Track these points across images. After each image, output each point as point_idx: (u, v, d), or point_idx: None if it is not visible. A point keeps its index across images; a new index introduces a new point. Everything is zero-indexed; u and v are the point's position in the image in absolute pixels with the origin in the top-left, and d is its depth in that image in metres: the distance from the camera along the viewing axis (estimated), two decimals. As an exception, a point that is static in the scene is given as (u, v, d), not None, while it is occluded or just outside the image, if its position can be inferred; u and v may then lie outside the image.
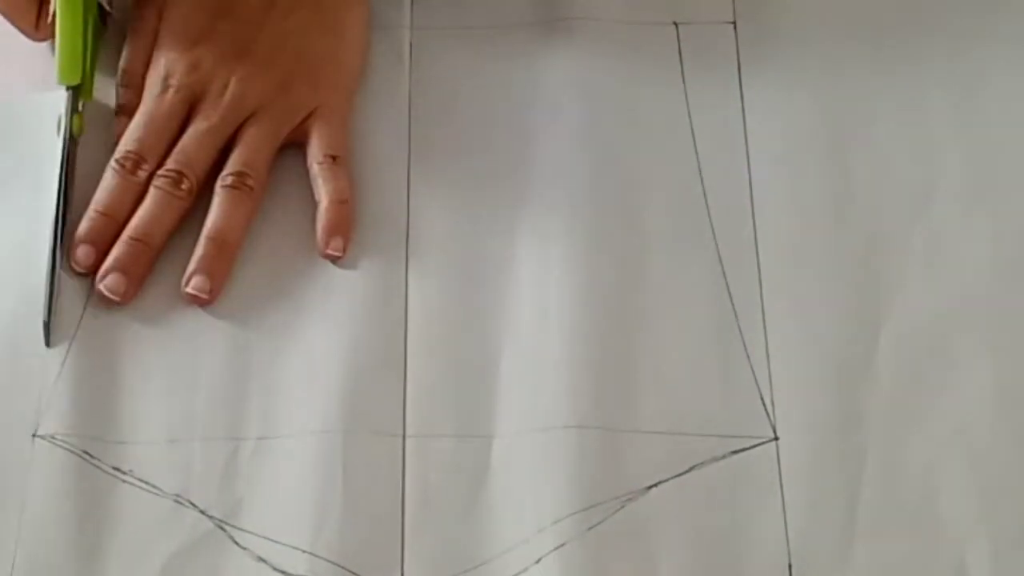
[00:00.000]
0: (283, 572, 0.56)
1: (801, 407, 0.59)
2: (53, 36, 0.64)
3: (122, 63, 0.66)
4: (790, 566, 0.56)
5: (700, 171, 0.64)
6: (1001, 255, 0.62)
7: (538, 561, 0.56)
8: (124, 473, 0.57)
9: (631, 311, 0.61)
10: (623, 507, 0.57)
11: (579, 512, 0.57)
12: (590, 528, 0.57)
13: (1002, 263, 0.62)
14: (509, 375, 0.60)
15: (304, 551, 0.56)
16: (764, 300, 0.62)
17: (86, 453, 0.58)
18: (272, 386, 0.59)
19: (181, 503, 0.57)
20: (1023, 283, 0.62)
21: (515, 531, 0.57)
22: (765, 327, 0.61)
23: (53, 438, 0.58)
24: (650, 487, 0.58)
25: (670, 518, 0.57)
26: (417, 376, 0.60)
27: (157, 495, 0.57)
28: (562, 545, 0.56)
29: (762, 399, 0.60)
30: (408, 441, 0.58)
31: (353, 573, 0.56)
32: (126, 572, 0.56)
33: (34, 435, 0.58)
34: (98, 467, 0.57)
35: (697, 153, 0.65)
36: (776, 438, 0.59)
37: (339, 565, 0.55)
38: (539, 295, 0.62)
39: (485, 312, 0.61)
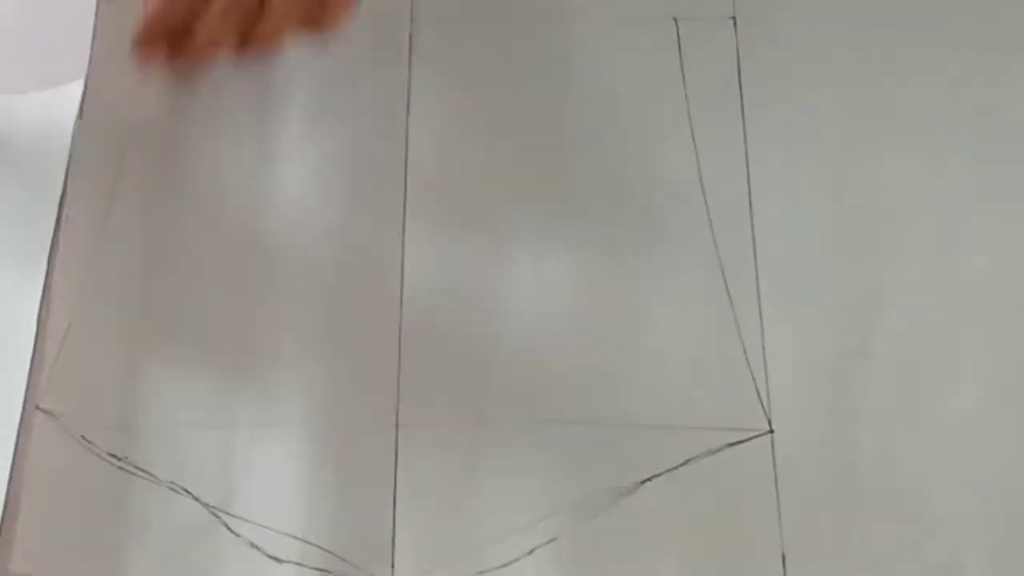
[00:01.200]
0: (275, 558, 0.56)
1: (797, 400, 0.59)
2: None
3: None
4: (784, 556, 0.57)
5: (699, 166, 0.64)
6: (1003, 251, 0.62)
7: (530, 552, 0.56)
8: (119, 459, 0.57)
9: (628, 306, 0.61)
10: (617, 501, 0.57)
11: (572, 506, 0.57)
12: (583, 522, 0.57)
13: (1004, 260, 0.62)
14: (504, 367, 0.60)
15: (296, 538, 0.56)
16: (761, 294, 0.61)
17: (83, 438, 0.58)
18: (267, 374, 0.59)
19: (175, 490, 0.57)
20: None
21: (507, 522, 0.57)
22: (762, 321, 0.61)
23: (53, 415, 0.58)
24: (644, 481, 0.58)
25: (664, 512, 0.57)
26: (411, 367, 0.60)
27: (152, 482, 0.57)
28: (555, 539, 0.56)
29: (758, 392, 0.60)
30: (401, 431, 0.59)
31: (344, 560, 0.56)
32: (119, 558, 0.56)
33: (36, 407, 0.58)
34: (94, 452, 0.58)
35: (696, 148, 0.65)
36: (771, 431, 0.59)
37: (330, 552, 0.56)
38: (536, 288, 0.62)
39: (482, 305, 0.61)
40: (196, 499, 0.57)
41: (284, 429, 0.58)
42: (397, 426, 0.59)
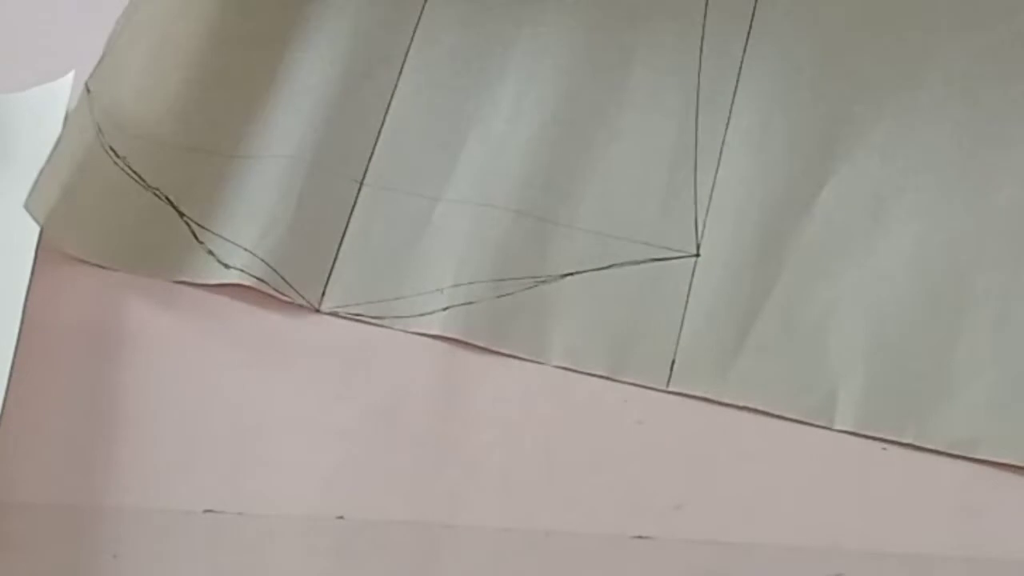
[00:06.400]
0: (223, 263, 0.62)
1: (729, 235, 0.62)
2: None
3: None
4: (674, 361, 0.60)
5: (704, 14, 0.67)
6: (961, 141, 0.64)
7: (446, 309, 0.61)
8: (119, 157, 0.64)
9: (599, 120, 0.65)
10: (536, 286, 0.62)
11: (495, 281, 0.62)
12: (500, 296, 0.61)
13: (958, 149, 0.64)
14: (473, 150, 0.65)
15: (246, 249, 0.62)
16: (727, 137, 0.64)
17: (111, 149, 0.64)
18: (254, 104, 0.66)
19: (159, 197, 0.64)
20: (971, 172, 0.63)
21: (433, 281, 0.62)
22: (720, 160, 0.64)
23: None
24: (565, 275, 0.62)
25: (575, 303, 0.61)
26: (391, 131, 0.65)
27: (140, 185, 0.64)
28: (471, 302, 0.61)
29: (696, 220, 0.63)
30: (364, 188, 0.64)
31: (282, 277, 0.62)
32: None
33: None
34: (102, 144, 0.63)
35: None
36: (697, 255, 0.62)
37: (271, 267, 0.62)
38: (521, 87, 0.66)
39: (471, 88, 0.67)
40: (174, 206, 0.64)
41: (262, 161, 0.64)
42: (362, 184, 0.64)
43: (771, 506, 0.56)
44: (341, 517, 0.57)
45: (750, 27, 0.67)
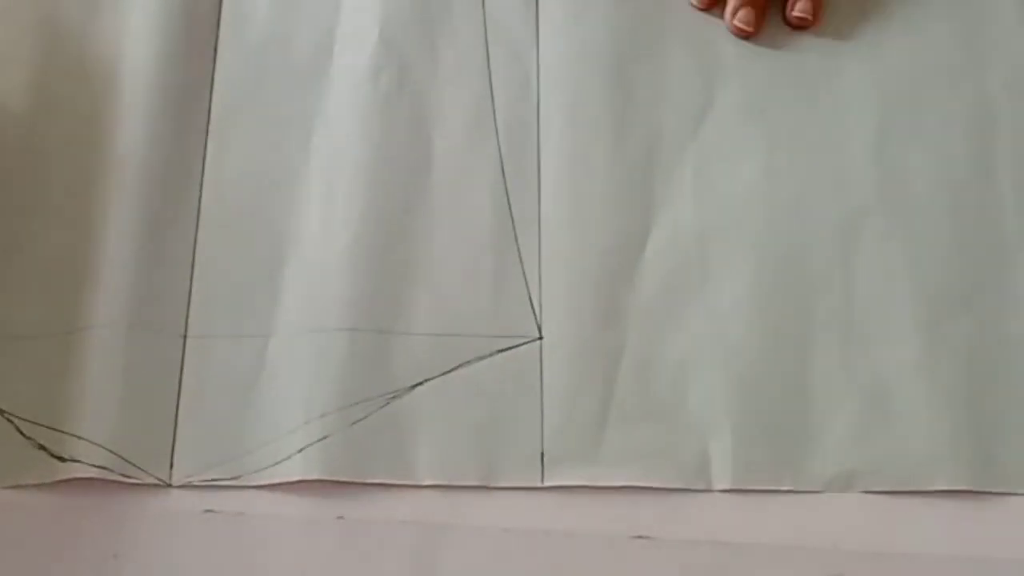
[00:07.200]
0: (59, 458, 0.59)
1: (567, 309, 0.62)
2: None
3: None
4: (543, 454, 0.59)
5: (491, 86, 0.67)
6: (767, 172, 0.65)
7: (301, 451, 0.59)
8: None
9: (413, 220, 0.64)
10: (388, 404, 0.60)
11: (345, 408, 0.60)
12: (354, 423, 0.60)
13: (767, 180, 0.65)
14: (292, 278, 0.63)
15: (79, 436, 0.59)
16: (542, 209, 0.64)
17: None
18: (60, 278, 0.62)
19: None
20: (785, 199, 0.64)
21: (282, 424, 0.60)
22: (540, 235, 0.64)
23: None
24: (415, 385, 0.61)
25: (432, 414, 0.60)
26: (204, 276, 0.63)
27: None
28: (326, 437, 0.59)
29: (531, 302, 0.62)
30: (189, 341, 0.62)
31: (124, 459, 0.59)
32: None
33: None
34: None
35: (490, 68, 0.67)
36: (540, 338, 0.61)
37: (111, 451, 0.59)
38: (327, 202, 0.64)
39: (275, 217, 0.64)
40: None
41: (76, 334, 0.61)
42: (186, 336, 0.62)
43: (771, 506, 0.57)
44: (341, 517, 0.56)
45: (538, 90, 0.67)
